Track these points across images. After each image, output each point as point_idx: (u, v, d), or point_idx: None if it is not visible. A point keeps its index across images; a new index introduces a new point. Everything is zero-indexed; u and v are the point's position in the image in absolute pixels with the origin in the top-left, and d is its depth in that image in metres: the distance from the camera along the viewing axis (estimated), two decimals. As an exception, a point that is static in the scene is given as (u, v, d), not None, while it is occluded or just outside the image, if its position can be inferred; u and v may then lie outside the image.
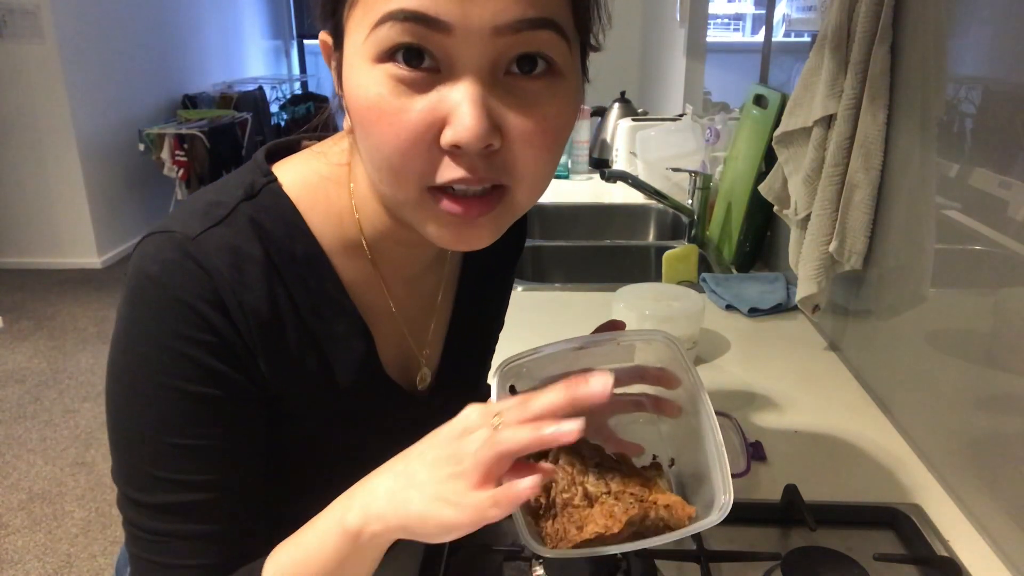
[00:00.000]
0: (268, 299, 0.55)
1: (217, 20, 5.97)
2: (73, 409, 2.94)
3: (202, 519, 0.55)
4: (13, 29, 4.07)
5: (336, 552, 0.50)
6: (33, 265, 4.44)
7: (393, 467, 0.50)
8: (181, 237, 0.52)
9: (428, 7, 0.44)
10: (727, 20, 2.89)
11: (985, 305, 0.83)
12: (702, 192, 1.77)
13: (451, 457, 0.47)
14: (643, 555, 0.74)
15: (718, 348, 1.27)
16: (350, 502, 0.51)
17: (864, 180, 1.05)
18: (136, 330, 0.53)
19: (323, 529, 0.51)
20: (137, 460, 0.54)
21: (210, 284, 0.52)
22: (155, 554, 0.55)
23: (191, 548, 0.55)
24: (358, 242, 0.60)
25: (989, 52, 0.84)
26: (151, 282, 0.52)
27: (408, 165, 0.48)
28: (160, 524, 0.55)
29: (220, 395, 0.54)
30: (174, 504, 0.54)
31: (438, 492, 0.46)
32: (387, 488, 0.49)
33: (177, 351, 0.52)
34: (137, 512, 0.55)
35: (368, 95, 0.47)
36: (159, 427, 0.53)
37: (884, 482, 0.91)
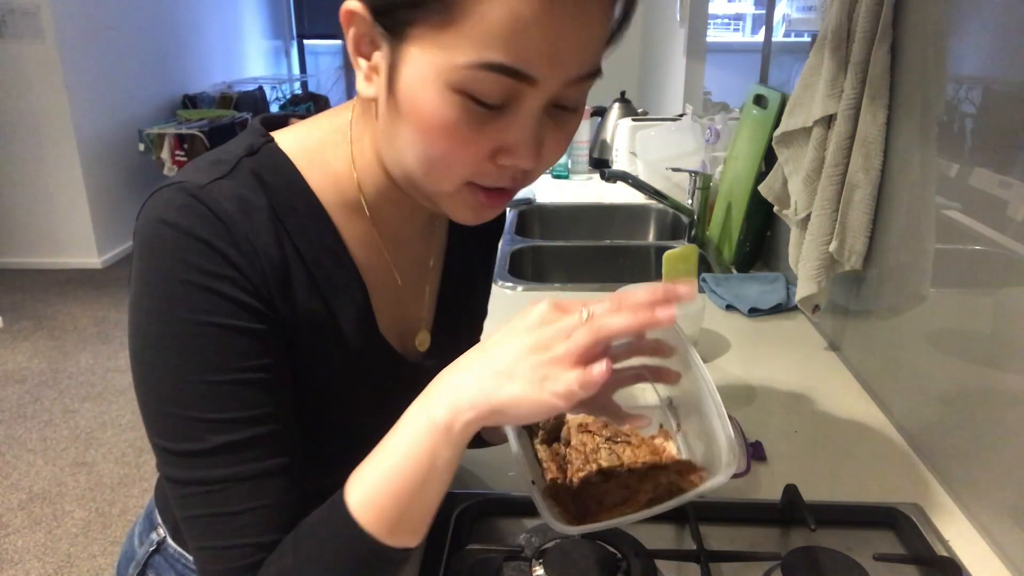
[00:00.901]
0: (276, 244, 0.56)
1: (217, 20, 5.97)
2: (73, 409, 2.94)
3: (258, 456, 0.55)
4: (13, 29, 4.07)
5: (429, 450, 0.52)
6: (33, 265, 4.45)
7: (468, 363, 0.53)
8: (191, 186, 0.54)
9: (525, 65, 0.48)
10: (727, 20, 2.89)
11: (985, 305, 0.83)
12: (702, 192, 1.77)
13: (540, 344, 0.51)
14: (643, 555, 0.74)
15: (718, 348, 1.27)
16: (432, 400, 0.53)
17: (864, 180, 1.05)
18: (157, 276, 0.53)
19: (410, 433, 0.53)
20: (180, 409, 0.53)
21: (223, 227, 0.53)
22: (216, 505, 0.54)
23: (253, 489, 0.54)
24: (356, 202, 0.62)
25: (989, 52, 0.84)
26: (167, 226, 0.53)
27: (459, 172, 0.54)
28: (216, 471, 0.54)
29: (252, 327, 0.54)
30: (228, 444, 0.54)
31: (534, 375, 0.50)
32: (473, 379, 0.52)
33: (203, 286, 0.52)
34: (188, 465, 0.54)
35: (439, 116, 0.51)
36: (199, 367, 0.53)
37: (884, 482, 0.91)
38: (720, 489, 0.88)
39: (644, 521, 0.81)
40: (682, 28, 2.90)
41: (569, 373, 0.50)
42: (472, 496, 0.84)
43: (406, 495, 0.53)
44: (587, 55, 0.51)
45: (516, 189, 0.58)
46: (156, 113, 5.05)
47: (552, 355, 0.50)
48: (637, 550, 0.75)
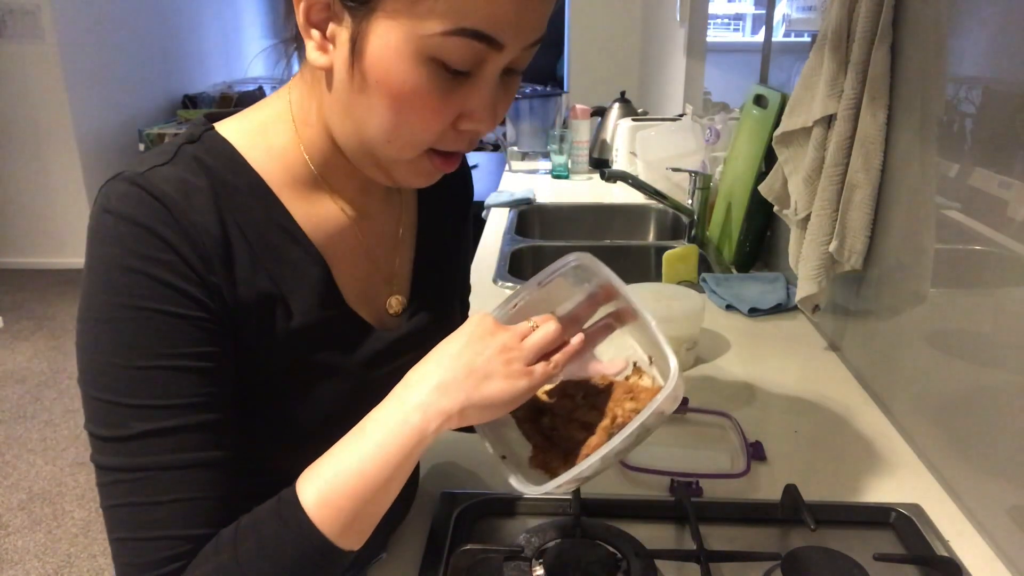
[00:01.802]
0: (218, 222, 0.56)
1: (217, 20, 5.97)
2: (73, 409, 2.94)
3: (187, 445, 0.53)
4: (13, 29, 4.07)
5: (400, 453, 0.54)
6: (33, 265, 4.45)
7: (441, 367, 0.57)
8: (130, 174, 0.55)
9: (497, 31, 0.51)
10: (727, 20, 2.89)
11: (985, 305, 0.83)
12: (702, 192, 1.77)
13: (504, 348, 0.58)
14: (643, 555, 0.74)
15: (718, 348, 1.27)
16: (406, 404, 0.56)
17: (864, 180, 1.05)
18: (98, 263, 0.53)
19: (380, 435, 0.55)
20: (109, 394, 0.53)
21: (162, 209, 0.54)
22: (137, 494, 0.53)
23: (178, 480, 0.53)
24: (307, 179, 0.63)
25: (989, 52, 0.84)
26: (108, 214, 0.54)
27: (422, 139, 0.57)
28: (139, 458, 0.52)
29: (190, 314, 0.54)
30: (154, 431, 0.53)
31: (508, 370, 0.57)
32: (451, 381, 0.56)
33: (140, 270, 0.53)
34: (112, 451, 0.53)
35: (408, 84, 0.53)
36: (130, 351, 0.53)
37: (884, 482, 0.91)
38: (720, 489, 0.88)
39: (644, 521, 0.82)
40: (682, 28, 2.90)
41: (529, 369, 0.58)
42: (472, 496, 0.84)
43: (367, 497, 0.54)
44: (544, 21, 0.55)
45: (467, 151, 0.63)
46: (156, 113, 5.05)
47: (520, 353, 0.58)
48: (637, 550, 0.75)
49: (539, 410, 0.68)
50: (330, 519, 0.53)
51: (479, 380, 0.56)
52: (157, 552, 0.52)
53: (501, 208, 2.15)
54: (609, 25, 4.12)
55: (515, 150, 2.85)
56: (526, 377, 0.58)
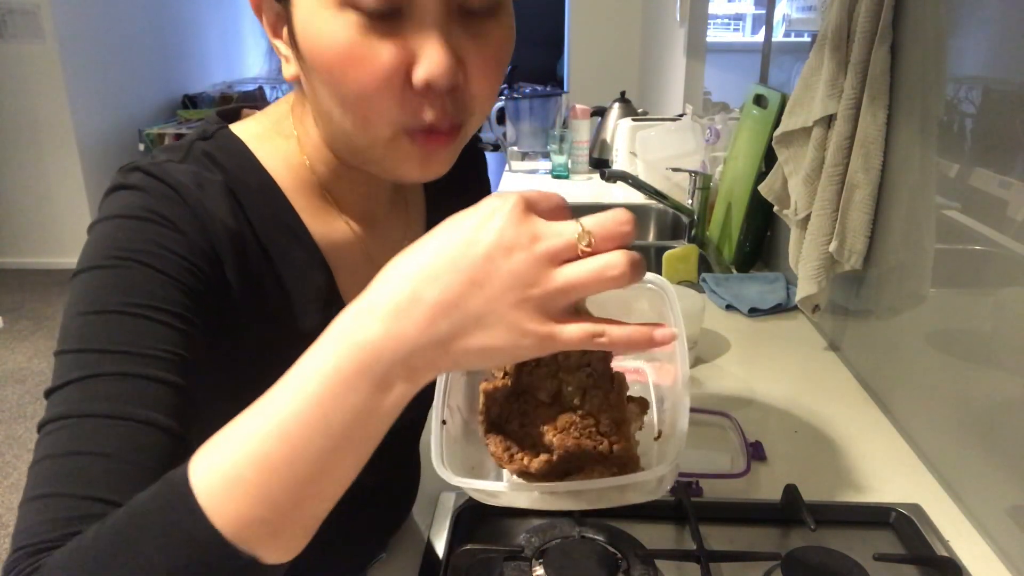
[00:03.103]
0: (231, 215, 0.55)
1: (217, 20, 5.97)
2: (73, 409, 2.94)
3: (135, 396, 0.45)
4: (13, 29, 4.07)
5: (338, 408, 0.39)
6: (33, 265, 4.44)
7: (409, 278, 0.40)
8: (144, 164, 0.54)
9: None
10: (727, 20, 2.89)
11: (985, 305, 0.83)
12: (702, 192, 1.77)
13: (526, 278, 0.38)
14: (643, 555, 0.74)
15: (718, 348, 1.27)
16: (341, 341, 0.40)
17: (864, 180, 1.05)
18: (98, 225, 0.53)
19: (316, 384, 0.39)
20: (70, 343, 0.48)
21: (176, 196, 0.53)
22: (66, 443, 0.44)
23: (115, 431, 0.44)
24: (313, 187, 0.62)
25: (989, 52, 0.84)
26: (120, 190, 0.53)
27: (381, 107, 0.50)
28: (82, 403, 0.45)
29: (175, 276, 0.50)
30: (107, 374, 0.46)
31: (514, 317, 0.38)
32: (427, 324, 0.39)
33: (137, 231, 0.51)
34: (52, 403, 0.46)
35: (336, 41, 0.48)
36: (103, 296, 0.49)
37: (884, 482, 0.91)
38: (720, 489, 0.88)
39: (644, 521, 0.82)
40: (682, 28, 2.90)
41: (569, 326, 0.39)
42: (472, 496, 0.84)
43: (291, 474, 0.38)
44: None
45: (456, 128, 0.53)
46: (156, 113, 5.05)
47: (542, 291, 0.38)
48: (637, 550, 0.75)
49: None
50: (232, 510, 0.38)
51: (471, 327, 0.38)
52: (64, 510, 0.41)
53: (501, 208, 2.15)
54: (609, 25, 4.12)
55: (515, 150, 2.85)
56: (544, 338, 0.38)
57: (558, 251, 0.38)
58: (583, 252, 0.38)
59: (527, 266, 0.38)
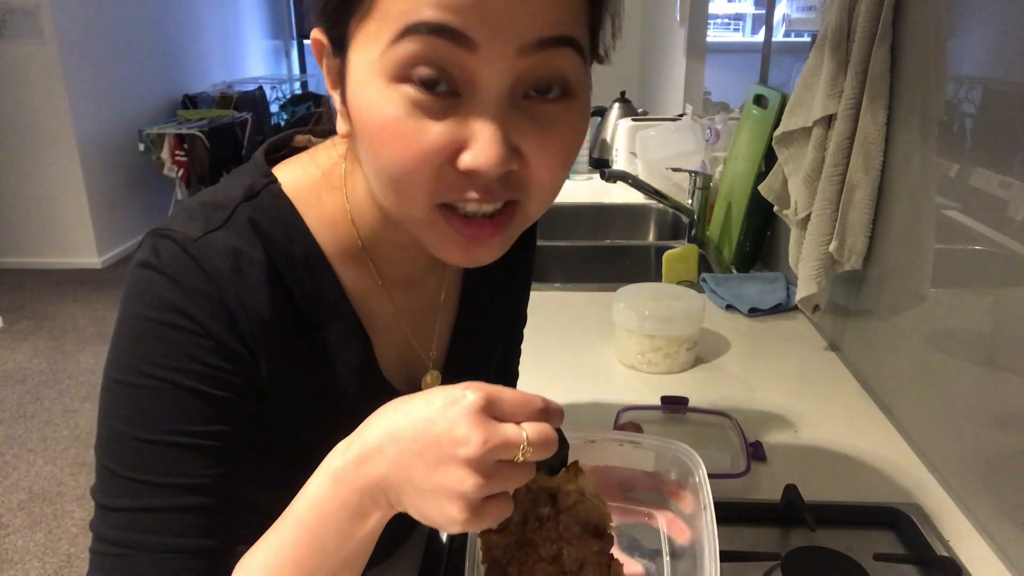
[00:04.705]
0: (270, 301, 0.54)
1: (217, 20, 5.97)
2: (73, 409, 2.94)
3: (172, 528, 0.50)
4: (13, 29, 4.06)
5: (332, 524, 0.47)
6: (33, 265, 4.44)
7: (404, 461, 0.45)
8: (183, 239, 0.52)
9: (453, 21, 0.42)
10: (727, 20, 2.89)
11: (985, 305, 0.83)
12: (702, 192, 1.77)
13: (468, 462, 0.43)
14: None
15: (718, 348, 1.27)
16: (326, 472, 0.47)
17: (864, 180, 1.05)
18: (130, 317, 0.52)
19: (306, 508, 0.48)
20: (115, 463, 0.51)
21: (212, 286, 0.51)
22: (114, 571, 0.50)
23: (155, 564, 0.50)
24: (354, 246, 0.59)
25: (989, 52, 0.84)
26: (151, 270, 0.51)
27: (418, 184, 0.47)
28: (126, 533, 0.50)
29: (207, 392, 0.51)
30: (147, 508, 0.50)
31: (449, 495, 0.44)
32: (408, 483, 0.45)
33: (169, 338, 0.50)
34: (104, 522, 0.51)
35: (383, 115, 0.45)
36: (141, 421, 0.50)
37: (884, 482, 0.91)
38: (720, 489, 0.88)
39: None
40: (682, 28, 2.90)
41: (490, 505, 0.45)
42: (472, 496, 0.84)
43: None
44: (536, 8, 0.43)
45: (505, 216, 0.50)
46: (156, 113, 5.05)
47: (473, 485, 0.43)
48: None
49: None
50: None
51: (411, 485, 0.44)
52: None
53: (501, 208, 2.15)
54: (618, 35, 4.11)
55: (515, 150, 2.84)
56: (471, 518, 0.43)
57: (488, 457, 0.43)
58: (519, 460, 0.44)
59: (459, 461, 0.42)
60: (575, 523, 0.52)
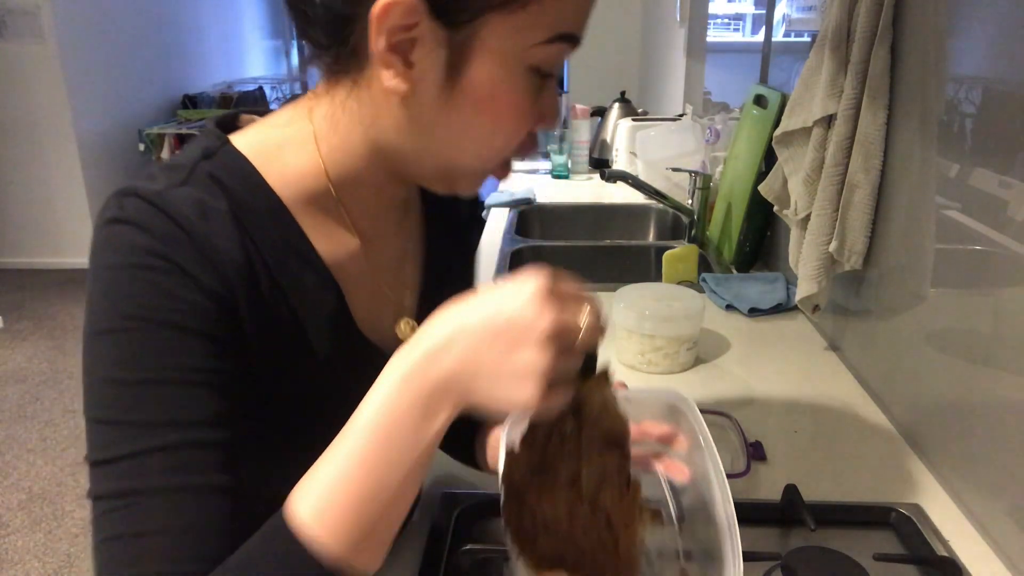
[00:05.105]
0: (240, 247, 0.54)
1: (217, 20, 5.97)
2: (73, 409, 2.94)
3: (187, 466, 0.48)
4: (13, 29, 4.07)
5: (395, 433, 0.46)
6: (33, 265, 4.45)
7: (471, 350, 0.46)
8: (146, 191, 0.51)
9: (578, 29, 0.53)
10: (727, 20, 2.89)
11: (985, 305, 0.83)
12: (702, 192, 1.77)
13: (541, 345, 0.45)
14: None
15: (718, 348, 1.27)
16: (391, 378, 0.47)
17: (864, 180, 1.05)
18: (103, 270, 0.51)
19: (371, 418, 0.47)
20: (109, 412, 0.49)
21: (180, 232, 0.51)
22: (128, 523, 0.47)
23: (174, 505, 0.47)
24: (326, 199, 0.60)
25: (989, 52, 0.84)
26: (119, 224, 0.51)
27: (509, 145, 0.56)
28: (134, 480, 0.47)
29: (197, 328, 0.50)
30: (153, 448, 0.48)
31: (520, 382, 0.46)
32: (480, 371, 0.46)
33: (147, 280, 0.49)
34: (106, 476, 0.48)
35: (514, 94, 0.53)
36: (133, 364, 0.49)
37: (884, 482, 0.91)
38: (720, 489, 0.88)
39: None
40: (682, 28, 2.90)
41: (559, 388, 0.47)
42: (472, 496, 0.84)
43: (381, 487, 0.46)
44: None
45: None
46: (156, 113, 5.05)
47: (543, 364, 0.45)
48: (637, 550, 0.75)
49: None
50: (334, 535, 0.45)
51: (485, 371, 0.46)
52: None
53: (501, 208, 2.15)
54: (609, 25, 4.12)
55: (515, 150, 2.84)
56: (542, 397, 0.46)
57: (559, 336, 0.46)
58: (577, 344, 0.47)
59: (533, 342, 0.45)
60: (597, 436, 0.52)
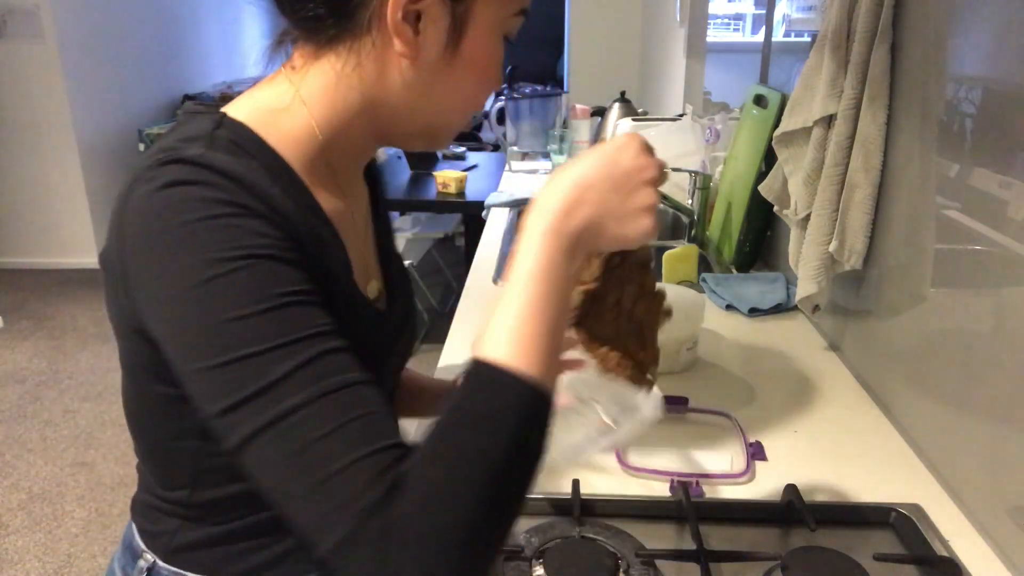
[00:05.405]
0: (280, 196, 0.55)
1: (217, 20, 5.97)
2: (73, 409, 2.94)
3: (333, 369, 0.49)
4: (13, 29, 4.07)
5: (564, 271, 0.54)
6: (33, 265, 4.45)
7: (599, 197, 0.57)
8: (187, 156, 0.52)
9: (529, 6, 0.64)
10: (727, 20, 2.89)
11: (985, 305, 0.83)
12: (702, 192, 1.77)
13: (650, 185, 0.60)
14: (643, 555, 0.74)
15: (718, 348, 1.27)
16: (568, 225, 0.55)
17: (864, 180, 1.05)
18: (170, 233, 0.50)
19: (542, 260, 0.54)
20: (239, 349, 0.48)
21: (239, 186, 0.52)
22: (309, 430, 0.47)
23: (334, 404, 0.48)
24: (318, 163, 0.63)
25: (989, 52, 0.84)
26: (174, 187, 0.51)
27: (482, 104, 0.66)
28: (296, 396, 0.47)
29: (284, 256, 0.52)
30: (303, 363, 0.48)
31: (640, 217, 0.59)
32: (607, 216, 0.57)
33: (224, 225, 0.50)
34: (252, 412, 0.47)
35: (495, 57, 0.63)
36: (245, 299, 0.49)
37: (884, 482, 0.91)
38: (720, 489, 0.88)
39: (644, 521, 0.82)
40: (682, 28, 2.90)
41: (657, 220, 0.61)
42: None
43: (553, 324, 0.53)
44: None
45: None
46: (156, 113, 5.05)
47: (651, 200, 0.59)
48: (637, 550, 0.75)
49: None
50: (531, 359, 0.50)
51: (611, 215, 0.57)
52: (375, 467, 0.46)
53: (501, 208, 2.15)
54: (609, 25, 4.12)
55: (515, 150, 2.85)
56: (647, 228, 0.59)
57: (657, 178, 0.60)
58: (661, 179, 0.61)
59: (645, 183, 0.59)
60: (634, 264, 0.67)
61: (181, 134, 0.57)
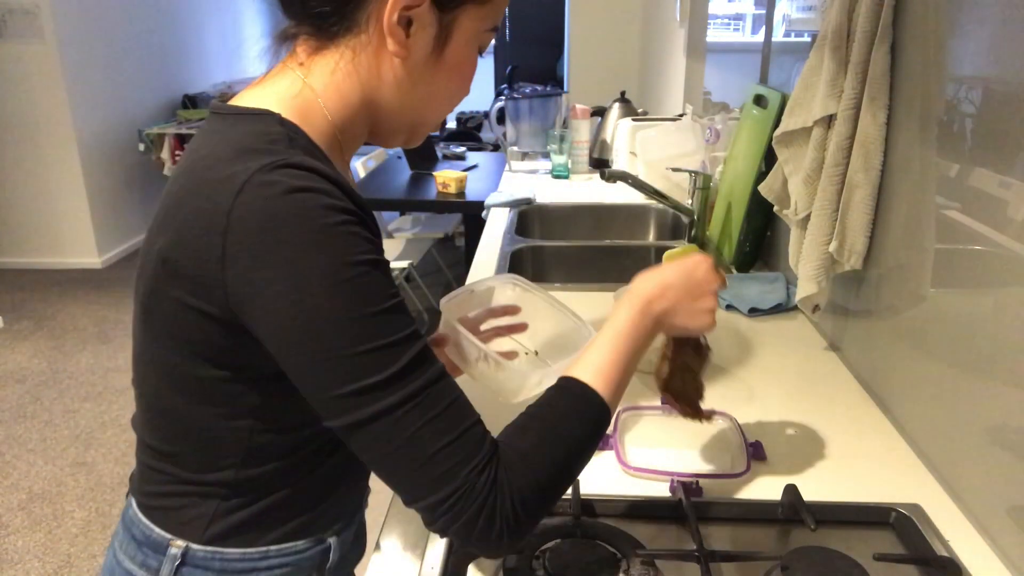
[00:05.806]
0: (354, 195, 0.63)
1: (217, 20, 5.97)
2: (73, 409, 2.94)
3: (434, 359, 0.61)
4: (13, 29, 4.07)
5: (645, 343, 0.73)
6: (33, 265, 4.45)
7: (676, 298, 0.76)
8: (298, 163, 0.59)
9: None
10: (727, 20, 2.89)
11: (985, 305, 0.83)
12: (702, 192, 1.77)
13: (712, 296, 0.78)
14: (643, 555, 0.74)
15: (718, 348, 1.27)
16: (651, 313, 0.74)
17: (864, 180, 1.05)
18: (304, 237, 0.57)
19: (633, 330, 0.72)
20: (376, 339, 0.58)
21: (340, 190, 0.60)
22: (431, 408, 0.59)
23: (445, 387, 0.61)
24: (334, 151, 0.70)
25: (989, 52, 0.84)
26: (299, 193, 0.58)
27: (456, 105, 0.75)
28: (418, 380, 0.59)
29: (383, 260, 0.62)
30: (418, 354, 0.59)
31: (703, 316, 0.77)
32: (681, 310, 0.76)
33: (344, 231, 0.59)
34: (388, 390, 0.58)
35: (472, 64, 0.72)
36: (374, 298, 0.59)
37: (884, 482, 0.91)
38: (720, 489, 0.88)
39: (644, 521, 0.82)
40: (682, 28, 2.90)
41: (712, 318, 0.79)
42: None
43: (626, 371, 0.71)
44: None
45: None
46: (156, 113, 5.05)
47: (713, 306, 0.78)
48: (637, 550, 0.75)
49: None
50: (605, 388, 0.68)
51: (683, 312, 0.76)
52: (470, 441, 0.60)
53: (501, 208, 2.15)
54: (609, 25, 4.12)
55: (515, 150, 2.85)
56: (709, 325, 0.78)
57: (719, 291, 0.79)
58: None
59: (710, 294, 0.78)
60: (694, 341, 0.86)
61: (255, 134, 0.63)
